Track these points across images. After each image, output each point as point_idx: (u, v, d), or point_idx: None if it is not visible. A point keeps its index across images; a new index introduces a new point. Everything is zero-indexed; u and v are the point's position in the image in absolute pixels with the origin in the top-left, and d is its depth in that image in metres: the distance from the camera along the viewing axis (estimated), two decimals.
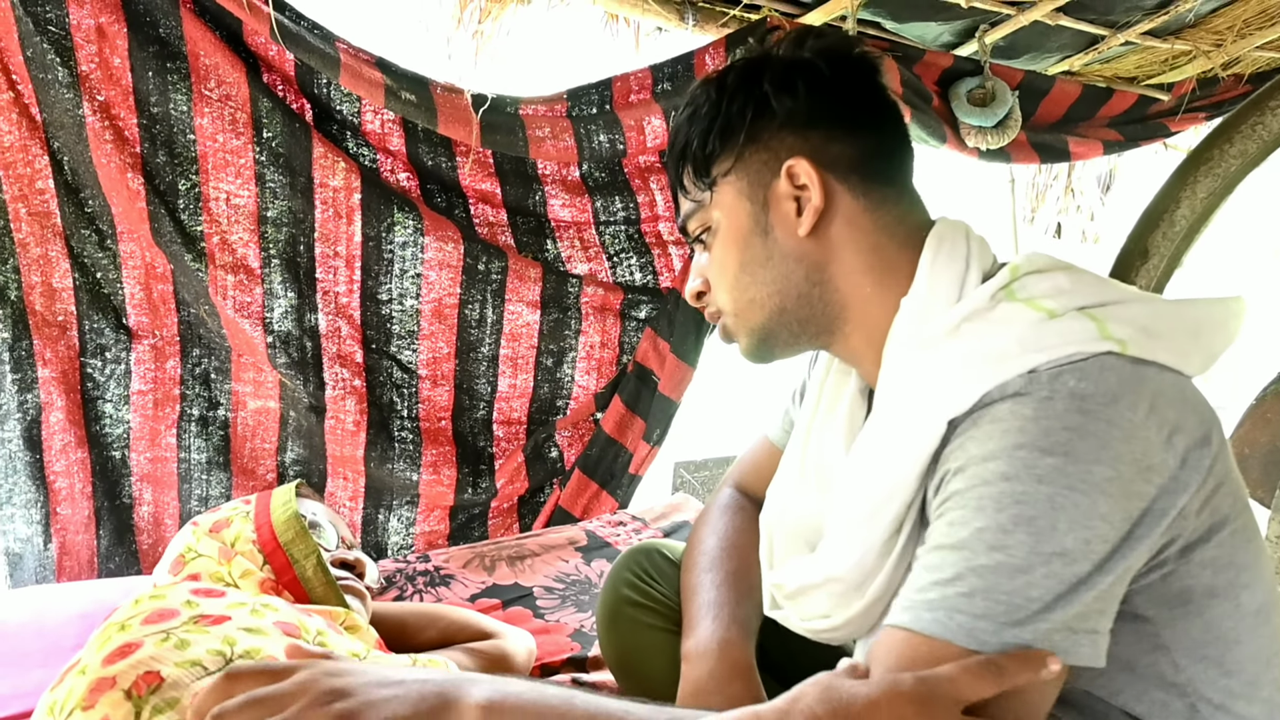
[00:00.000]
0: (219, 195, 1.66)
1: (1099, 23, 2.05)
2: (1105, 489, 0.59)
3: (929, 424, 0.67)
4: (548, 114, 1.81)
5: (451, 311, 1.89)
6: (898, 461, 0.69)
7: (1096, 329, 0.64)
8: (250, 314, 1.72)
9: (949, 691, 0.56)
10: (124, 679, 0.66)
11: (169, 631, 0.70)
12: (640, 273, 2.02)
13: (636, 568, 1.01)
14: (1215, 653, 0.67)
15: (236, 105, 1.62)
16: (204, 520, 1.04)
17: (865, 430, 0.76)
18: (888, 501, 0.69)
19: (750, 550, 0.96)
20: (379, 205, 1.76)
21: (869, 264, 0.78)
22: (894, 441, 0.70)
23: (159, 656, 0.67)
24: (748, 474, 1.08)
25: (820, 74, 0.78)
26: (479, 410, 1.99)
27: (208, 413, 1.80)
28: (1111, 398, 0.60)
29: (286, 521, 0.99)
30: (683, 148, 0.84)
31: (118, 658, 0.68)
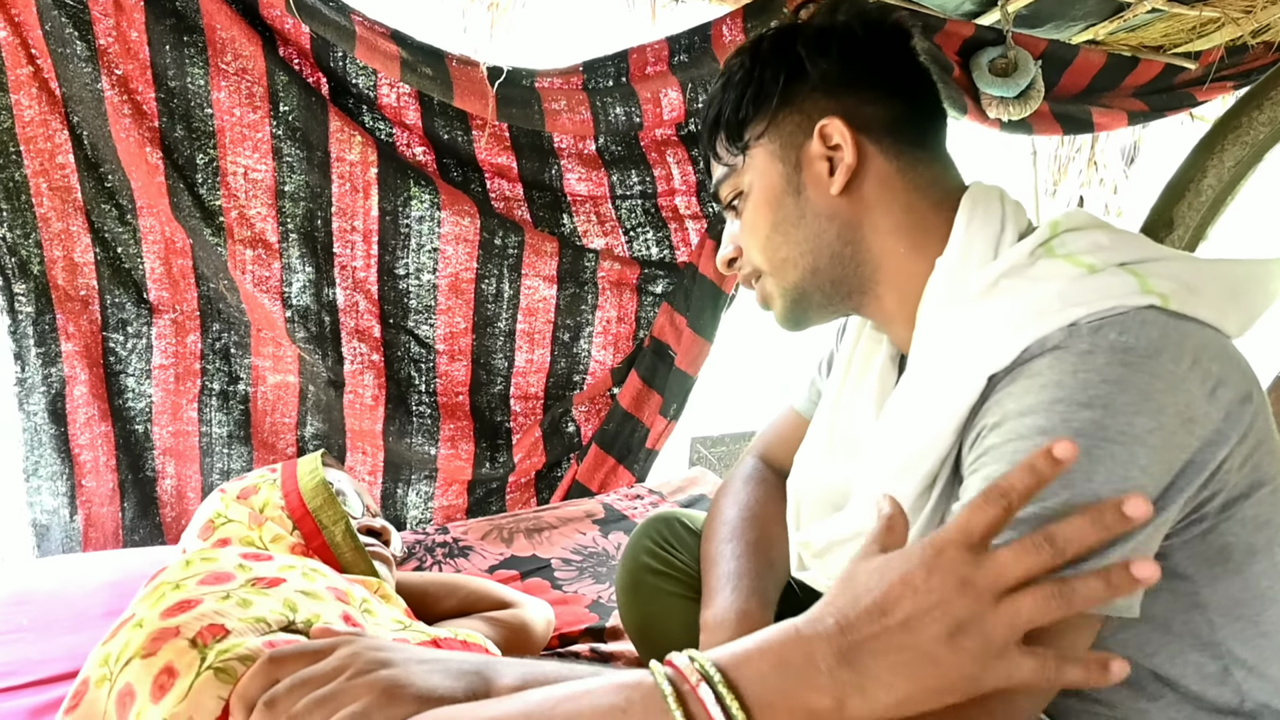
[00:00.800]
0: (237, 169, 1.68)
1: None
2: (1146, 440, 0.59)
3: (969, 379, 0.68)
4: (564, 87, 1.81)
5: (468, 286, 1.90)
6: (934, 417, 0.70)
7: (1138, 284, 0.64)
8: (269, 288, 1.74)
9: (956, 537, 0.53)
10: (187, 629, 0.68)
11: (229, 592, 0.72)
12: (657, 247, 2.03)
13: (657, 535, 1.03)
14: (1252, 612, 0.67)
15: (253, 79, 1.64)
16: (231, 487, 1.07)
17: (899, 389, 0.77)
18: (922, 457, 0.70)
19: (772, 522, 0.98)
20: (395, 179, 1.77)
21: (902, 224, 0.79)
22: (931, 398, 0.71)
23: (222, 612, 0.70)
24: (772, 444, 1.10)
25: (854, 37, 0.80)
26: (496, 385, 2.01)
27: (228, 387, 1.83)
28: (1155, 350, 0.60)
29: (314, 488, 1.02)
30: (716, 115, 0.84)
31: (177, 612, 0.70)
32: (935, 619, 0.51)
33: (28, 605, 1.21)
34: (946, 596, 0.51)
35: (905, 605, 0.52)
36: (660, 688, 0.51)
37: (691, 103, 1.87)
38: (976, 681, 0.51)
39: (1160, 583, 0.63)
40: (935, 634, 0.50)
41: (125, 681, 0.68)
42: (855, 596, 0.54)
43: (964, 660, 0.50)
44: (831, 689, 0.51)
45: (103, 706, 0.70)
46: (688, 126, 1.94)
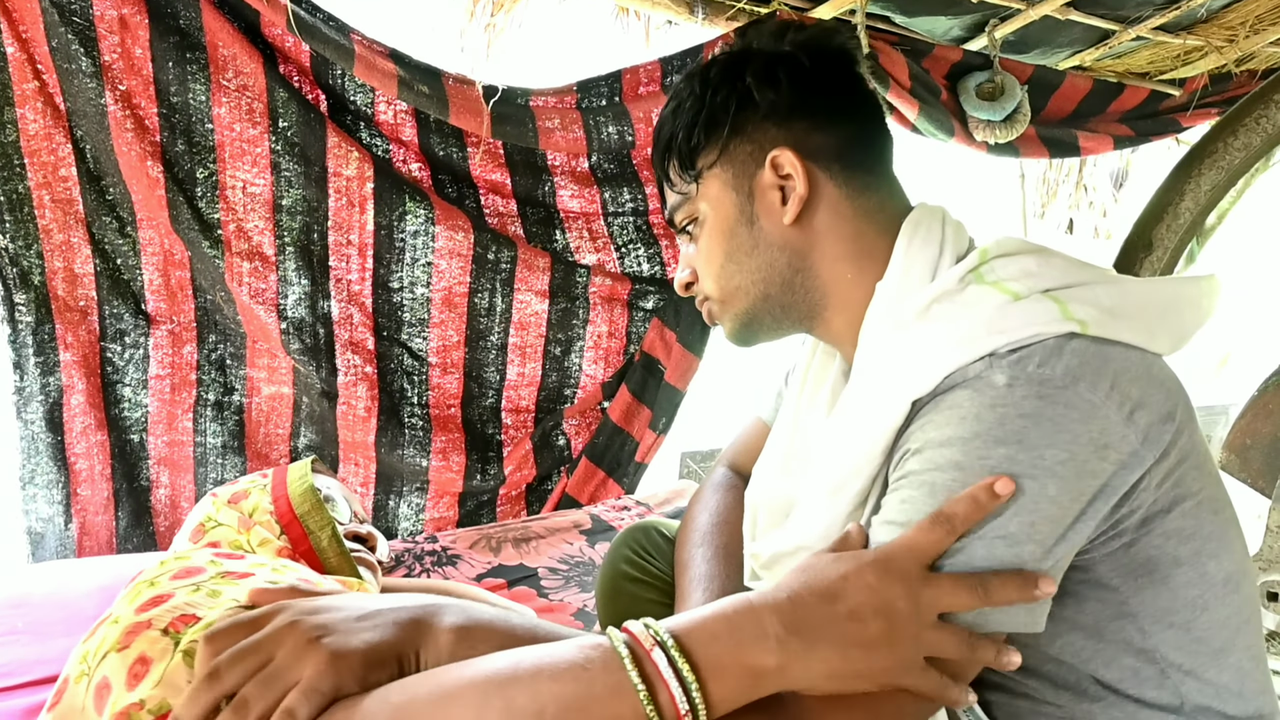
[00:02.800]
0: (235, 183, 1.72)
1: (1110, 17, 2.08)
2: (1056, 471, 0.62)
3: (893, 403, 0.71)
4: (557, 105, 1.86)
5: (461, 300, 1.94)
6: (864, 438, 0.73)
7: (1059, 310, 0.67)
8: (265, 300, 1.78)
9: (905, 552, 0.62)
10: (159, 621, 0.71)
11: (198, 584, 0.76)
12: (648, 263, 2.08)
13: (635, 544, 1.06)
14: (1182, 619, 0.70)
15: (253, 95, 1.68)
16: (222, 492, 1.10)
17: (837, 408, 0.81)
18: (854, 476, 0.74)
19: (740, 526, 1.00)
20: (391, 194, 1.82)
21: (850, 250, 0.81)
22: (862, 419, 0.74)
23: (193, 603, 0.73)
24: (739, 453, 1.13)
25: (800, 66, 0.82)
26: (488, 398, 2.05)
27: (223, 398, 1.87)
28: (1072, 379, 0.64)
29: (303, 494, 1.05)
30: (668, 141, 0.86)
31: (150, 606, 0.73)
32: (879, 616, 0.59)
33: (23, 609, 1.24)
34: (892, 601, 0.59)
35: (854, 598, 0.59)
36: (617, 650, 0.56)
37: None
38: (893, 676, 0.60)
39: (1087, 592, 0.69)
40: (876, 630, 0.58)
41: (102, 675, 0.72)
42: (808, 581, 0.61)
43: (891, 657, 0.58)
44: (777, 653, 0.57)
45: (81, 701, 0.73)
46: None
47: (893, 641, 0.58)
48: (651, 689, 0.55)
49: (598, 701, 0.55)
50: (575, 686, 0.55)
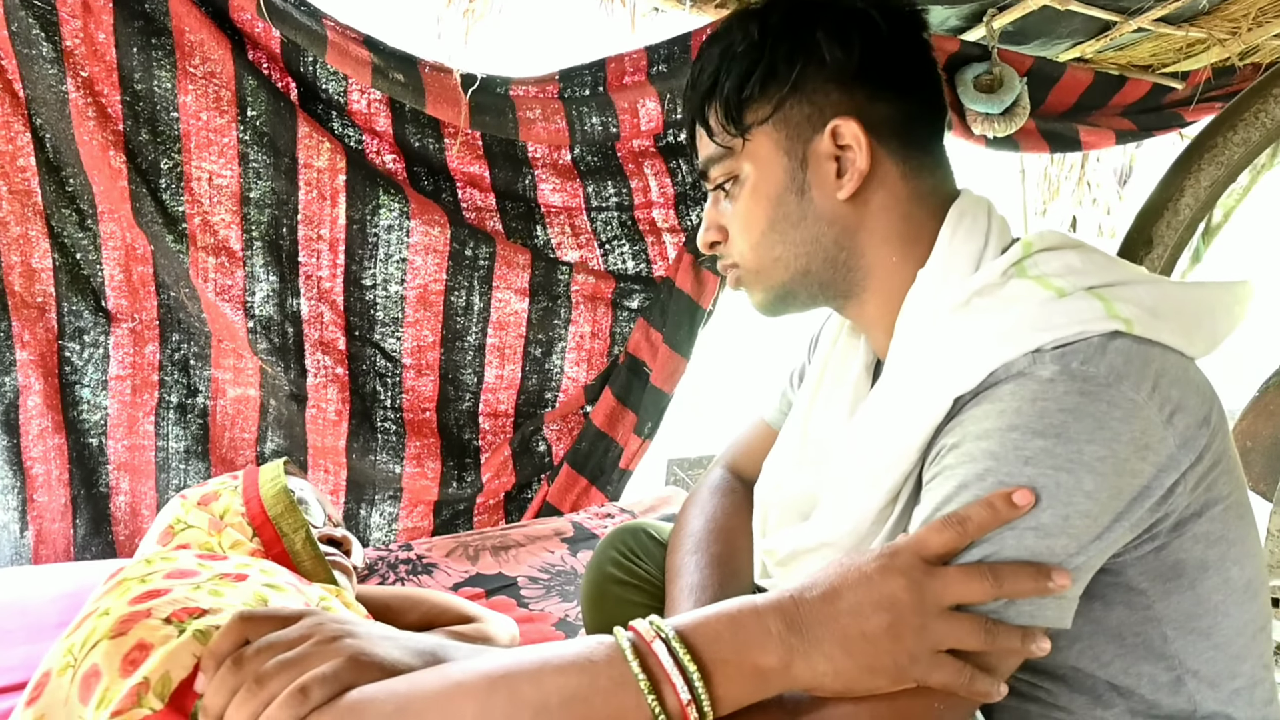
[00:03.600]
0: (201, 175, 1.75)
1: (1111, 8, 2.14)
2: (1095, 468, 0.64)
3: (935, 399, 0.72)
4: (539, 95, 1.90)
5: (437, 298, 1.98)
6: (901, 433, 0.75)
7: (1104, 308, 0.69)
8: (231, 297, 1.81)
9: (909, 548, 0.65)
10: (160, 611, 0.74)
11: (199, 584, 0.79)
12: (633, 261, 2.12)
13: (622, 546, 1.10)
14: (1205, 625, 0.74)
15: (221, 83, 1.72)
16: (191, 494, 1.13)
17: (871, 398, 0.81)
18: (888, 471, 0.75)
19: (738, 534, 1.04)
20: (364, 187, 1.85)
21: (899, 232, 0.82)
22: (899, 413, 0.76)
23: (194, 598, 0.76)
24: (740, 455, 1.15)
25: (876, 27, 0.80)
26: (465, 401, 2.08)
27: (186, 400, 1.89)
28: (1116, 377, 0.66)
29: (275, 496, 1.09)
30: (712, 85, 0.82)
31: (147, 599, 0.76)
32: (879, 610, 0.62)
33: None
34: (894, 594, 0.63)
35: (855, 594, 0.63)
36: (621, 644, 0.61)
37: (670, 114, 1.96)
38: (904, 671, 0.62)
39: (1115, 596, 0.72)
40: (877, 623, 0.62)
41: (90, 664, 0.75)
42: (812, 583, 0.65)
43: (898, 650, 0.61)
44: (780, 651, 0.61)
45: (65, 693, 0.76)
46: (666, 138, 2.03)
47: (896, 635, 0.61)
48: (655, 682, 0.59)
49: (601, 693, 0.59)
50: (579, 679, 0.59)
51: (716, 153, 0.84)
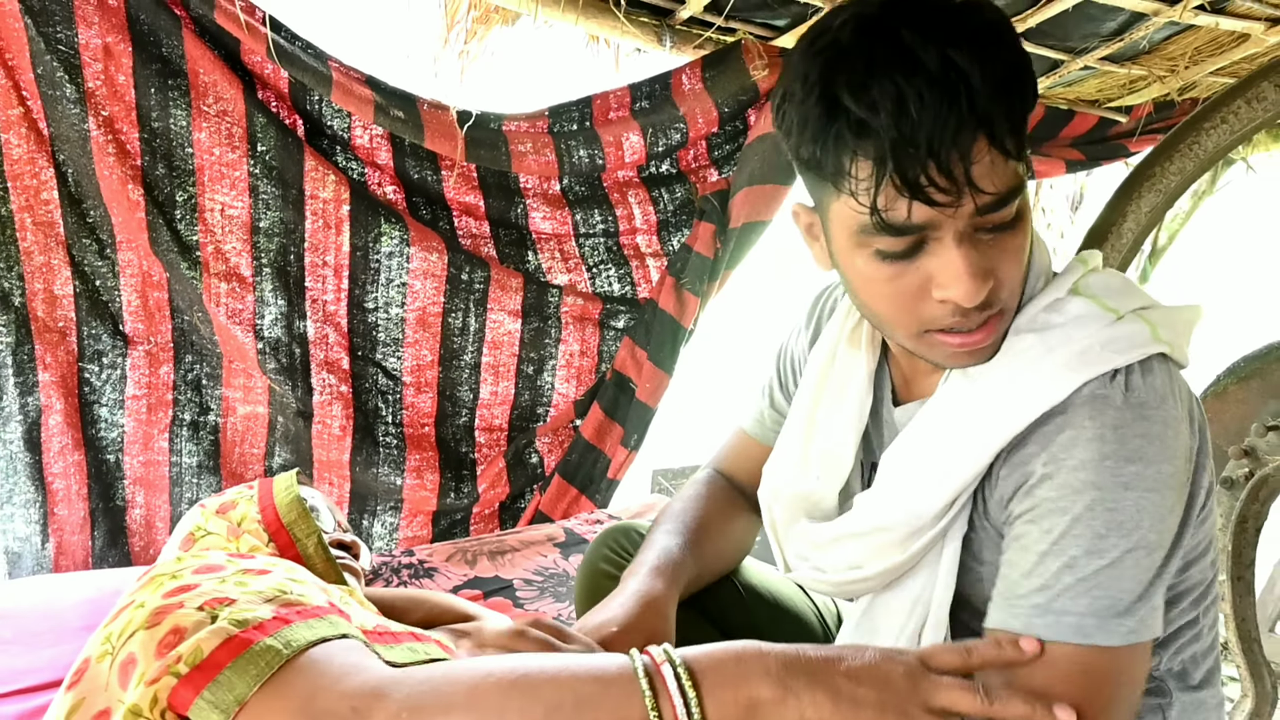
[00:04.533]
0: (214, 206, 1.79)
1: (1059, 48, 2.22)
2: (1170, 483, 0.71)
3: (1014, 416, 0.75)
4: (530, 130, 1.96)
5: (435, 320, 2.02)
6: (979, 438, 0.77)
7: (1150, 332, 0.75)
8: (242, 320, 1.85)
9: (918, 653, 0.70)
10: (191, 602, 0.77)
11: (224, 577, 0.82)
12: (619, 284, 2.17)
13: (613, 543, 1.12)
14: (1194, 599, 0.83)
15: (233, 120, 1.76)
16: (210, 503, 1.17)
17: (941, 400, 0.83)
18: (960, 472, 0.79)
19: (716, 514, 1.09)
20: (366, 216, 1.90)
21: None
22: (978, 418, 0.78)
23: (221, 590, 0.80)
24: (726, 460, 1.19)
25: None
26: (461, 417, 2.12)
27: (199, 418, 1.92)
28: (1161, 399, 0.72)
29: (289, 504, 1.12)
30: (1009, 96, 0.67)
31: (179, 593, 0.79)
32: (874, 683, 0.67)
33: (9, 620, 1.29)
34: (890, 675, 0.68)
35: (856, 662, 0.68)
36: (635, 665, 0.67)
37: (652, 146, 2.02)
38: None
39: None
40: (867, 694, 0.66)
41: (128, 652, 0.78)
42: (818, 647, 0.70)
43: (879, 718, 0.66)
44: (775, 688, 0.66)
45: (105, 679, 0.79)
46: (649, 169, 2.09)
47: (882, 708, 0.66)
48: (657, 698, 0.65)
49: (611, 699, 0.65)
50: (594, 686, 0.65)
51: (1018, 183, 0.71)
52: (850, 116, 0.68)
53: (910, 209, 0.68)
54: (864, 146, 0.68)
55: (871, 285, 0.76)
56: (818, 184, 0.76)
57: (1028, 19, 2.03)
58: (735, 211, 2.06)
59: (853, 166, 0.69)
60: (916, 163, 0.66)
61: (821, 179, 0.74)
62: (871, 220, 0.70)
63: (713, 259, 2.08)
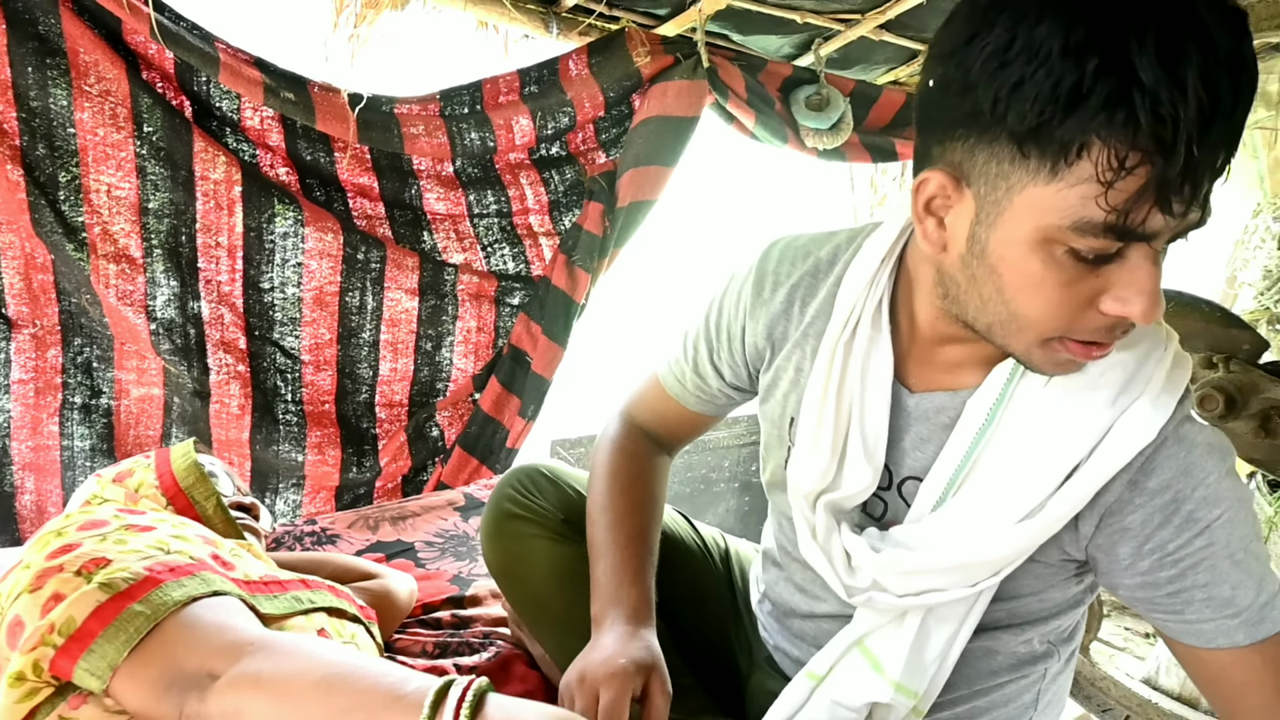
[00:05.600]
0: (100, 187, 1.75)
1: (916, 39, 2.36)
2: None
3: (1128, 445, 0.74)
4: (421, 113, 1.97)
5: (333, 299, 2.02)
6: (1090, 475, 0.75)
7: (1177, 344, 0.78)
8: (133, 302, 1.81)
9: None
10: (70, 565, 0.78)
11: (105, 534, 0.83)
12: (513, 262, 2.20)
13: (518, 484, 1.12)
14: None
15: (117, 100, 1.72)
16: (106, 472, 1.16)
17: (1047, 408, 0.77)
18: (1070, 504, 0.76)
19: (646, 500, 1.05)
20: (259, 197, 1.88)
21: None
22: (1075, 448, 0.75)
23: (101, 549, 0.81)
24: (641, 411, 1.15)
25: None
26: (361, 393, 2.12)
27: (90, 401, 1.87)
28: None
29: (186, 469, 1.13)
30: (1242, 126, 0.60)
31: (60, 554, 0.80)
32: None
33: None
34: None
35: None
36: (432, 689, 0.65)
37: (541, 129, 2.06)
38: None
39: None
40: None
41: (14, 614, 0.79)
42: None
43: None
44: None
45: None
46: (539, 151, 2.13)
47: None
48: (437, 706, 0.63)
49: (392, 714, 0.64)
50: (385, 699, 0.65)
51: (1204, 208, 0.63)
52: (1144, 92, 0.55)
53: (1149, 214, 0.59)
54: (1150, 131, 0.56)
55: (1036, 286, 0.66)
56: (1012, 160, 0.62)
57: (887, 11, 2.15)
58: (622, 191, 2.12)
59: (1110, 151, 0.58)
60: (1198, 165, 0.57)
61: (1033, 155, 0.61)
62: (1104, 218, 0.60)
63: (602, 237, 2.14)
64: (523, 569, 1.10)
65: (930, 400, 0.84)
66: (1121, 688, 1.70)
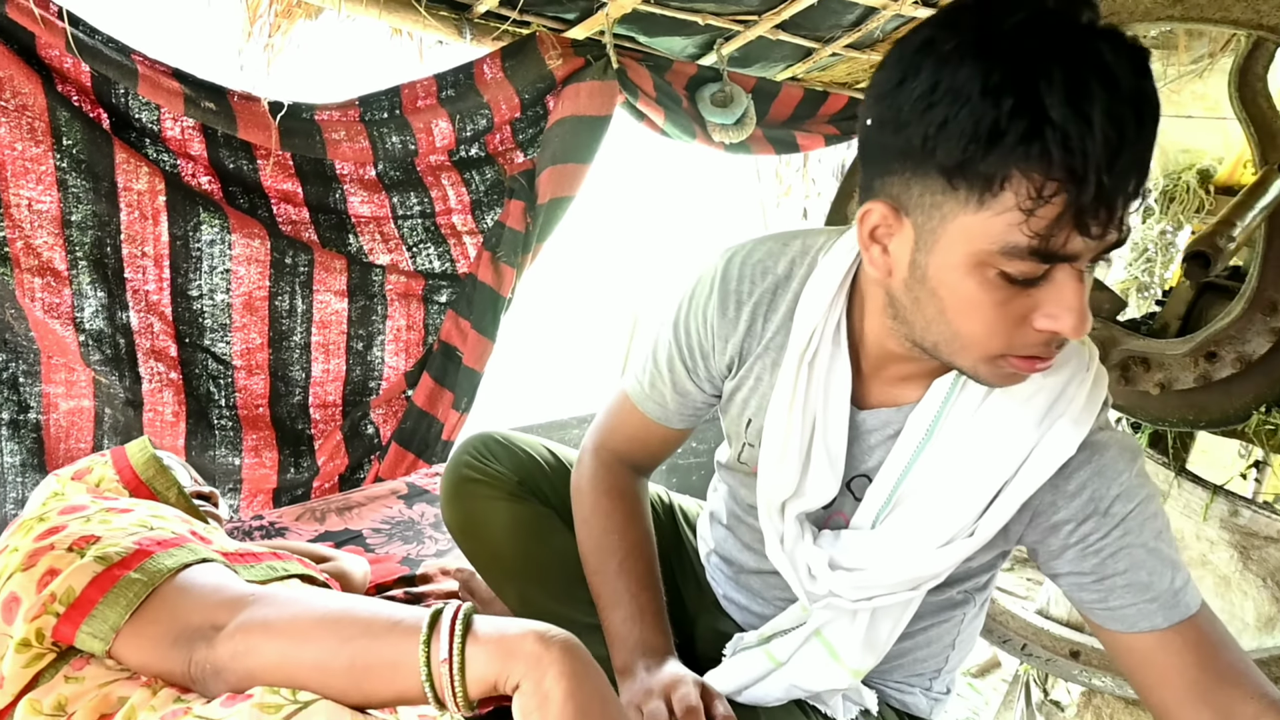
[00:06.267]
0: (20, 201, 1.75)
1: (810, 38, 2.52)
2: None
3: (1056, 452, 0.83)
4: (342, 119, 2.02)
5: (262, 304, 2.05)
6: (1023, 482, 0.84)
7: (1097, 360, 0.87)
8: (60, 314, 1.82)
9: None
10: (61, 543, 0.84)
11: (88, 516, 0.89)
12: (439, 261, 2.27)
13: (474, 451, 1.20)
14: None
15: (34, 115, 1.72)
16: (64, 472, 1.20)
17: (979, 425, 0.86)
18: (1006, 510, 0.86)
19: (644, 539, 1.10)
20: (184, 206, 1.90)
21: None
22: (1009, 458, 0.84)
23: (87, 529, 0.87)
24: (621, 441, 1.15)
25: None
26: (295, 395, 2.16)
27: (18, 416, 1.87)
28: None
29: (146, 462, 1.18)
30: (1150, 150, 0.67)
31: (48, 535, 0.86)
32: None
33: None
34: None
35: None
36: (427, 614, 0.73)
37: (460, 131, 2.13)
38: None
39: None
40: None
41: (9, 592, 0.84)
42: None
43: None
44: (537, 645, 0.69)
45: None
46: (459, 152, 2.21)
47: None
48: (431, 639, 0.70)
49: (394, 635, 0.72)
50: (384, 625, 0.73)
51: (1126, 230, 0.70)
52: (1054, 129, 0.62)
53: (1069, 237, 0.66)
54: (1062, 163, 0.63)
55: (973, 307, 0.72)
56: (943, 191, 0.69)
57: (782, 12, 2.30)
58: (542, 189, 2.22)
59: (1029, 183, 0.64)
60: (1109, 192, 0.64)
61: (962, 187, 0.67)
62: (1028, 243, 0.66)
63: (524, 233, 2.23)
64: (481, 529, 1.19)
65: (878, 416, 0.92)
66: (1019, 620, 1.88)
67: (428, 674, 0.70)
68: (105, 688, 0.79)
